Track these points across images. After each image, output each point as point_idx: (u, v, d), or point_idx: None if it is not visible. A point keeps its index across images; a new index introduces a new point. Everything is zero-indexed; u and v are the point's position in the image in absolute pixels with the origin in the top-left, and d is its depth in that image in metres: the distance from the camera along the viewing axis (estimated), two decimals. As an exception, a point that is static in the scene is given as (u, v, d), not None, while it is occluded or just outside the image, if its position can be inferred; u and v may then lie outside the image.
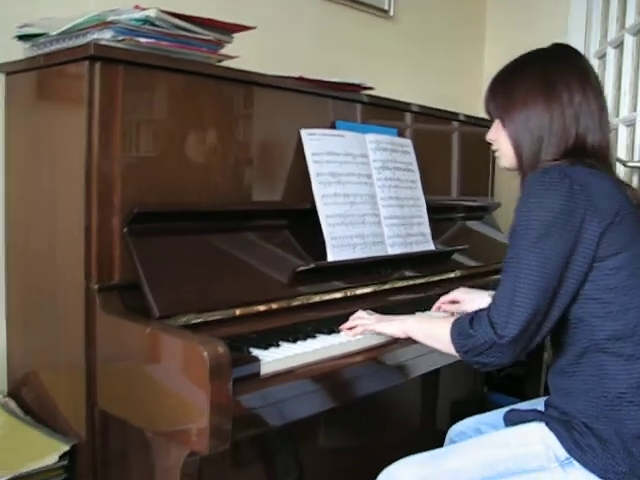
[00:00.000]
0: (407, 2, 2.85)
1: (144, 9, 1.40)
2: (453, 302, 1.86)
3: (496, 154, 1.52)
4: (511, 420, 1.46)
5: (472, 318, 1.33)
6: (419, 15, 2.95)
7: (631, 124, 2.34)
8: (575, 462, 1.30)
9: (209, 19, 1.51)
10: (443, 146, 2.45)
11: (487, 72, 3.38)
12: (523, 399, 1.78)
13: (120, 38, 1.38)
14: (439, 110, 2.35)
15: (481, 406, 2.57)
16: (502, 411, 1.59)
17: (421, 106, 2.27)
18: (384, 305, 1.83)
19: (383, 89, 2.15)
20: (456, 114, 2.46)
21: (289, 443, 1.91)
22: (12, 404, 1.64)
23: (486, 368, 1.36)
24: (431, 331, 1.47)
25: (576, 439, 1.30)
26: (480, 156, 2.61)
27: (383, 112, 2.12)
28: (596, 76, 1.45)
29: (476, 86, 3.24)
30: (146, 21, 1.39)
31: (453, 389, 2.65)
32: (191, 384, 1.20)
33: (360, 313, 1.64)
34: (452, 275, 2.21)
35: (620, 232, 1.29)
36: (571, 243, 1.27)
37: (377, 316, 1.63)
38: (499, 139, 1.48)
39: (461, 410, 2.53)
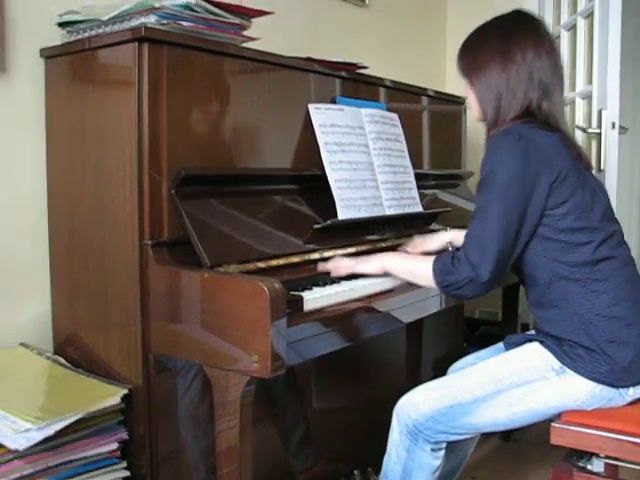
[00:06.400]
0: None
1: (184, -4, 1.58)
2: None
3: (468, 107, 1.76)
4: (511, 344, 1.70)
5: (453, 257, 1.56)
6: (390, 2, 3.23)
7: (587, 96, 2.60)
8: (567, 369, 1.55)
9: (234, 4, 1.70)
10: (421, 120, 2.66)
11: (449, 55, 3.68)
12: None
13: (164, 22, 1.55)
14: (418, 87, 2.58)
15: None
16: (495, 347, 1.84)
17: (403, 83, 2.48)
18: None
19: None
20: (432, 90, 2.68)
21: (296, 400, 2.10)
22: (62, 360, 1.77)
23: (462, 299, 1.60)
24: (410, 267, 1.70)
25: (566, 351, 1.55)
26: (453, 130, 2.86)
27: (371, 89, 2.33)
28: (549, 37, 1.67)
29: (440, 64, 3.56)
30: (187, 6, 1.57)
31: (435, 345, 2.85)
32: (253, 316, 1.39)
33: (338, 258, 1.83)
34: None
35: (565, 184, 1.54)
36: (527, 192, 1.51)
37: (356, 259, 1.82)
38: (469, 96, 1.72)
39: (443, 365, 2.76)
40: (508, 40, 1.63)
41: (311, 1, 2.77)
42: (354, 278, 1.78)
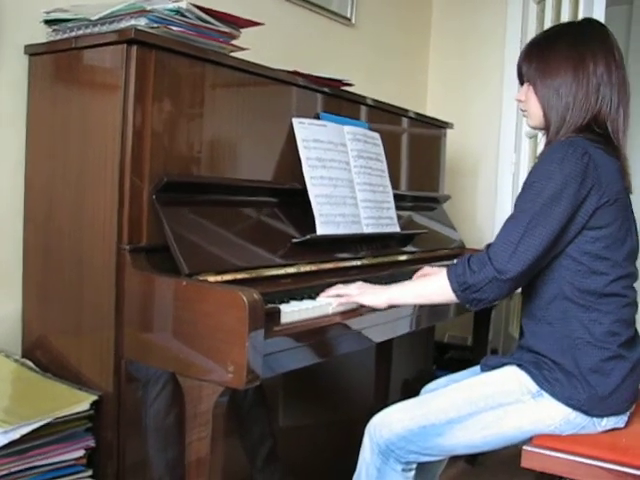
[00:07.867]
0: (367, 12, 3.16)
1: (175, 1, 1.57)
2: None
3: (524, 114, 1.71)
4: (488, 365, 1.69)
5: (469, 258, 1.52)
6: (376, 23, 3.26)
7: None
8: (545, 393, 1.54)
9: (225, 13, 1.69)
10: (401, 141, 2.68)
11: (430, 79, 3.72)
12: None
13: (155, 25, 1.54)
14: (401, 108, 2.59)
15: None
16: (469, 370, 1.83)
17: (385, 103, 2.49)
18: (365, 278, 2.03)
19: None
20: (414, 112, 2.70)
21: (263, 416, 2.06)
22: (30, 363, 1.73)
23: (480, 305, 1.55)
24: (421, 288, 1.66)
25: (545, 375, 1.54)
26: (433, 153, 2.89)
27: (354, 107, 2.34)
28: (620, 51, 1.62)
29: (421, 88, 3.59)
30: (178, 11, 1.56)
31: (404, 367, 2.85)
32: (231, 326, 1.37)
33: (340, 285, 1.78)
34: (412, 257, 2.45)
35: (610, 211, 1.52)
36: (575, 209, 1.48)
37: (359, 284, 1.78)
38: (529, 101, 1.66)
39: (411, 386, 2.76)
40: (582, 48, 1.58)
41: (300, 17, 2.78)
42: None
